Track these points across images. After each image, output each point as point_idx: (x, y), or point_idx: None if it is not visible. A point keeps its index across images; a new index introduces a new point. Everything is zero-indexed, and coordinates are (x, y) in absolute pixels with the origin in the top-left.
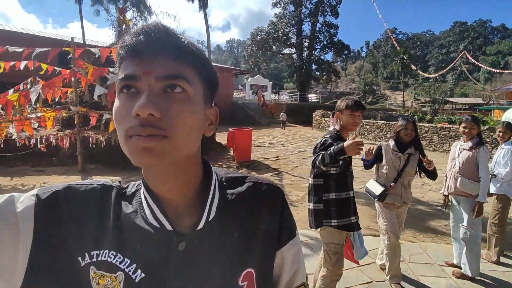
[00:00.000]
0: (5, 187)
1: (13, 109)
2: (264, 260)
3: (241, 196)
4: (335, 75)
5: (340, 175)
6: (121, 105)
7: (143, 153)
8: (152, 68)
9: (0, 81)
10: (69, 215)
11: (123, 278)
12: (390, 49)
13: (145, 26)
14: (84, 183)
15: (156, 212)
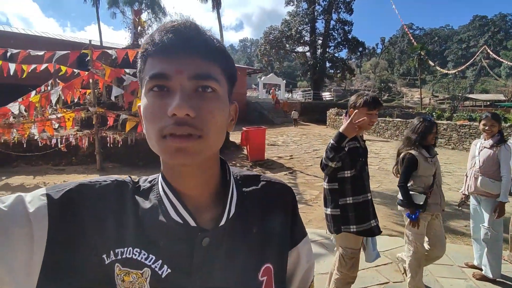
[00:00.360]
0: (28, 185)
1: (35, 110)
2: (279, 257)
3: (256, 194)
4: (349, 73)
5: (355, 178)
6: (152, 104)
7: (177, 153)
8: (184, 67)
9: (23, 84)
10: (86, 214)
11: (149, 274)
12: (406, 45)
13: (175, 23)
14: (97, 180)
15: (179, 208)
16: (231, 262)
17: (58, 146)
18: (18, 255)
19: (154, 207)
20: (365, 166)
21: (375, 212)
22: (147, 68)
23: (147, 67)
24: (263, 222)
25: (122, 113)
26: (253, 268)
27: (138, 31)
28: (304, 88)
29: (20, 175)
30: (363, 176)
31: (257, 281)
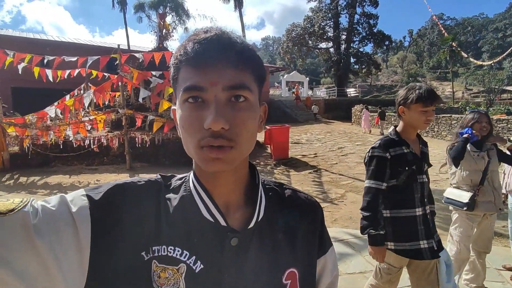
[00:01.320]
0: (65, 184)
1: (70, 113)
2: (307, 264)
3: (281, 200)
4: (375, 68)
5: (396, 189)
6: (189, 115)
7: (213, 162)
8: (218, 79)
9: (57, 88)
10: (125, 214)
11: (184, 270)
12: (436, 36)
13: (207, 34)
14: (132, 181)
15: (211, 207)
16: (257, 263)
17: (91, 146)
18: (68, 253)
19: (185, 205)
20: (416, 176)
21: (432, 231)
22: (181, 78)
23: (181, 76)
24: (289, 228)
25: (149, 114)
26: (278, 271)
27: (163, 34)
28: (328, 85)
29: (58, 175)
30: (412, 187)
31: (281, 284)
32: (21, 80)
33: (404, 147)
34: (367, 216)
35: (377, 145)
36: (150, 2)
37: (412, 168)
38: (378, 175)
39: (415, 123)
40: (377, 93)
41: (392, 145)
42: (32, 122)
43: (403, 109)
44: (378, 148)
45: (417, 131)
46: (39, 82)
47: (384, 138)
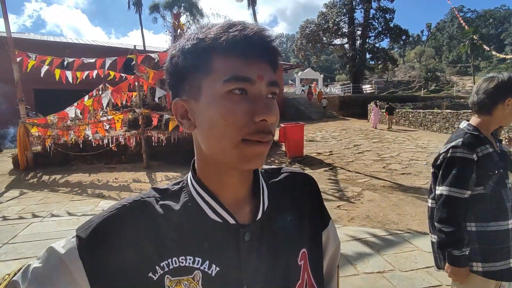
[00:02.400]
0: (84, 182)
1: (89, 113)
2: (313, 240)
3: (282, 184)
4: (392, 63)
5: (484, 198)
6: (234, 107)
7: (256, 158)
8: (264, 73)
9: (77, 89)
10: (118, 243)
11: (200, 276)
12: (456, 29)
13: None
14: (116, 207)
15: (217, 208)
16: (273, 252)
17: (109, 146)
18: None
19: (190, 210)
20: (504, 180)
21: None
22: (220, 67)
23: (220, 66)
24: (294, 210)
25: (165, 114)
26: (293, 254)
27: (178, 34)
28: (343, 81)
29: (78, 173)
30: (502, 194)
31: (297, 266)
32: (42, 82)
33: (489, 145)
34: (449, 232)
35: (459, 143)
36: (165, 2)
37: (500, 171)
38: (462, 181)
39: (502, 119)
40: (394, 89)
41: (478, 143)
42: (54, 122)
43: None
44: (462, 148)
45: (498, 127)
46: (59, 84)
47: (466, 135)
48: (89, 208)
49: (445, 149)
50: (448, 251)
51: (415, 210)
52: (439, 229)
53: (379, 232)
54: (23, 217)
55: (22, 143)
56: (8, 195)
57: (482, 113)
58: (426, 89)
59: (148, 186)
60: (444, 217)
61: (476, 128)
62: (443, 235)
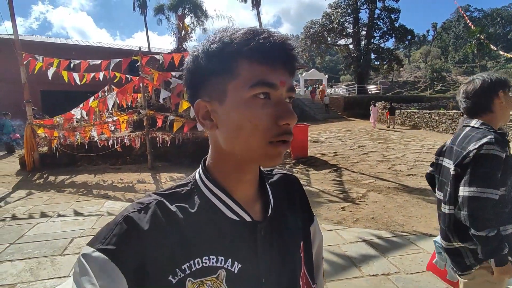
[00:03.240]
0: (90, 183)
1: (94, 114)
2: (306, 233)
3: (278, 184)
4: (397, 64)
5: (505, 199)
6: (260, 111)
7: (279, 157)
8: (286, 80)
9: (83, 91)
10: (146, 247)
11: (224, 275)
12: (462, 29)
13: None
14: (134, 210)
15: (233, 207)
16: (283, 246)
17: (114, 146)
18: None
19: (206, 211)
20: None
21: None
22: (246, 72)
23: (245, 71)
24: (291, 207)
25: (169, 115)
26: (297, 246)
27: (183, 35)
28: (348, 82)
29: (83, 174)
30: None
31: (299, 257)
32: (49, 83)
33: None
34: (495, 236)
35: (492, 140)
36: (170, 4)
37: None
38: (495, 181)
39: (506, 116)
40: (399, 89)
41: (505, 142)
42: (60, 124)
43: (503, 95)
44: (496, 145)
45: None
46: (65, 85)
47: (491, 132)
48: (94, 209)
49: (476, 146)
50: (500, 259)
51: (421, 212)
52: (483, 237)
53: (384, 233)
54: (29, 217)
55: (29, 144)
56: (15, 195)
57: (483, 113)
58: (432, 90)
59: (152, 187)
60: (484, 223)
61: (492, 128)
62: (488, 242)
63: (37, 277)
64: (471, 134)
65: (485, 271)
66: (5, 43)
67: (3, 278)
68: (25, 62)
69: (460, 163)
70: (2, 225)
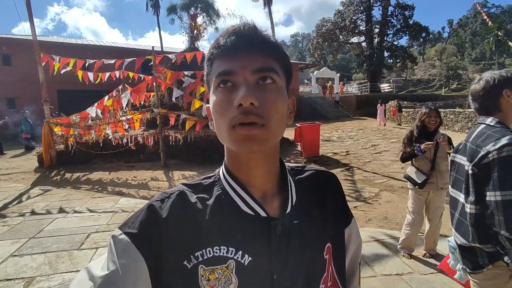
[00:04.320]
0: (105, 180)
1: (109, 113)
2: (337, 236)
3: (307, 181)
4: (411, 62)
5: None
6: (221, 99)
7: (246, 141)
8: (247, 63)
9: (98, 90)
10: (161, 233)
11: (234, 266)
12: (480, 26)
13: (236, 26)
14: (158, 199)
15: (249, 201)
16: (301, 245)
17: (128, 145)
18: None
19: (223, 203)
20: None
21: None
22: (214, 69)
23: (214, 68)
24: (319, 206)
25: (182, 113)
26: (319, 248)
27: (195, 34)
28: (360, 80)
29: (98, 171)
30: None
31: (322, 260)
32: (65, 83)
33: None
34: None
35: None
36: (182, 4)
37: None
38: None
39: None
40: (413, 88)
41: None
42: (76, 122)
43: (508, 92)
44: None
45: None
46: (81, 84)
47: (510, 131)
48: (109, 205)
49: (496, 147)
50: None
51: None
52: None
53: (398, 233)
54: (48, 212)
55: (47, 142)
56: (34, 191)
57: (493, 113)
58: (447, 88)
59: (165, 185)
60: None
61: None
62: None
63: (56, 270)
64: (487, 132)
65: (498, 271)
66: (23, 43)
67: (24, 271)
68: (43, 63)
69: (478, 163)
70: (22, 220)
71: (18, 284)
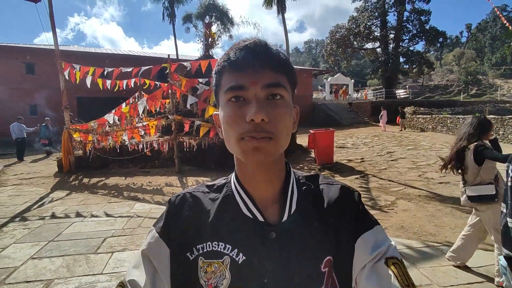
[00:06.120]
0: (121, 185)
1: (126, 119)
2: (342, 250)
3: (315, 192)
4: (427, 67)
5: None
6: (232, 112)
7: (254, 152)
8: (258, 78)
9: (115, 97)
10: (177, 227)
11: (229, 262)
12: (499, 30)
13: (246, 42)
14: (174, 195)
15: (249, 205)
16: (296, 253)
17: (144, 150)
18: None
19: (227, 203)
20: None
21: None
22: (224, 82)
23: (224, 81)
24: (324, 218)
25: (196, 120)
26: (316, 260)
27: (209, 42)
28: (375, 86)
29: (115, 176)
30: None
31: (319, 272)
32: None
33: None
34: None
35: None
36: (197, 12)
37: None
38: None
39: None
40: (430, 93)
41: None
42: (94, 128)
43: None
44: None
45: None
46: (99, 92)
47: None
48: (124, 210)
49: None
50: None
51: (455, 222)
52: None
53: (415, 243)
54: (66, 216)
55: (66, 148)
56: (54, 195)
57: None
58: (466, 93)
59: (179, 190)
60: None
61: None
62: None
63: (73, 274)
64: None
65: None
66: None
67: (43, 273)
68: (65, 71)
69: None
70: (42, 223)
71: (37, 286)
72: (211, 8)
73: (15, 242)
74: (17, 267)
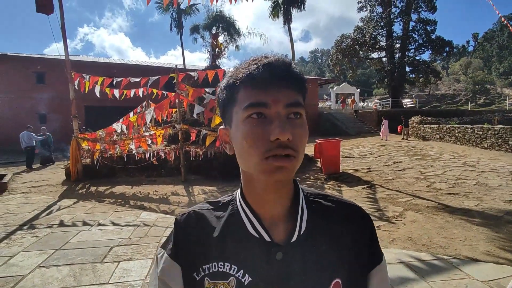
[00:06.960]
0: (127, 194)
1: (133, 128)
2: (352, 274)
3: (327, 212)
4: (434, 76)
5: None
6: (254, 130)
7: (277, 171)
8: (281, 97)
9: (123, 106)
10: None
11: (235, 283)
12: (507, 39)
13: (270, 58)
14: (180, 214)
15: (255, 224)
16: (303, 275)
17: (150, 159)
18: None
19: (233, 222)
20: None
21: None
22: (242, 97)
23: (242, 96)
24: (334, 239)
25: (202, 129)
26: (324, 282)
27: (216, 53)
28: (381, 95)
29: (121, 185)
30: None
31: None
32: (92, 99)
33: None
34: None
35: None
36: (204, 23)
37: None
38: None
39: None
40: (437, 103)
41: None
42: (102, 137)
43: None
44: None
45: None
46: (106, 101)
47: None
48: (131, 219)
49: None
50: None
51: (465, 234)
52: None
53: (424, 256)
54: (73, 225)
55: (74, 156)
56: (61, 204)
57: None
58: (474, 103)
59: (185, 200)
60: None
61: None
62: None
63: (80, 283)
64: None
65: None
66: (56, 63)
67: (49, 282)
68: (76, 81)
69: None
70: (50, 232)
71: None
72: (218, 19)
73: (23, 250)
74: (25, 275)
